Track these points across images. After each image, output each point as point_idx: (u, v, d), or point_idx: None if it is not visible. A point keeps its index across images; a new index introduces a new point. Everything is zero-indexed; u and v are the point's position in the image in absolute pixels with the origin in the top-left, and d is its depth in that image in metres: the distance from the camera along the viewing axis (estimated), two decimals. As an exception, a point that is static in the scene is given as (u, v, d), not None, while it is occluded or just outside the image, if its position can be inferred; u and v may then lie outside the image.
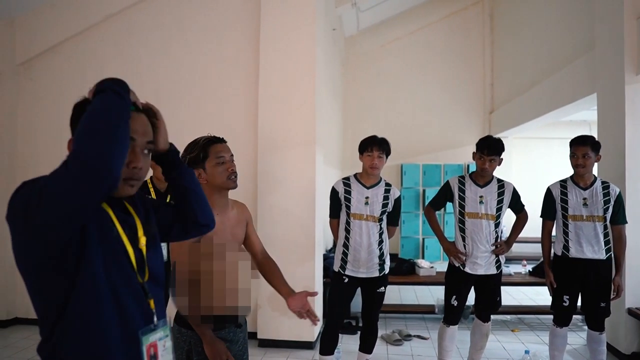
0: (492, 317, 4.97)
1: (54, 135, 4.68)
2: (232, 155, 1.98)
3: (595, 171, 4.14)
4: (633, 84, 3.87)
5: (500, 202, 3.25)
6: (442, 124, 9.16)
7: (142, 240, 1.19)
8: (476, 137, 9.09)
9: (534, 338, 4.45)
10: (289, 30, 4.20)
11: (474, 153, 3.26)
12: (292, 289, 2.10)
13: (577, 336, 4.41)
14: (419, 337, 4.46)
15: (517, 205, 3.34)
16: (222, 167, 1.91)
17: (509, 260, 6.90)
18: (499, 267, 3.29)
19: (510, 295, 5.94)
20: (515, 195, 3.31)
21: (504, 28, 8.61)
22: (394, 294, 6.12)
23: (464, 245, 3.28)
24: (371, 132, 8.70)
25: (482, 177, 3.28)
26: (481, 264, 3.23)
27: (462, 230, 3.29)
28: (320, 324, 4.17)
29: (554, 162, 8.39)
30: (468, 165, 8.73)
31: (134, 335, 1.11)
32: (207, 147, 1.91)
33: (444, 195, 3.41)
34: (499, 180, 3.32)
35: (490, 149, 3.15)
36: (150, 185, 3.29)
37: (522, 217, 3.40)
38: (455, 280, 3.32)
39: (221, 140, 1.97)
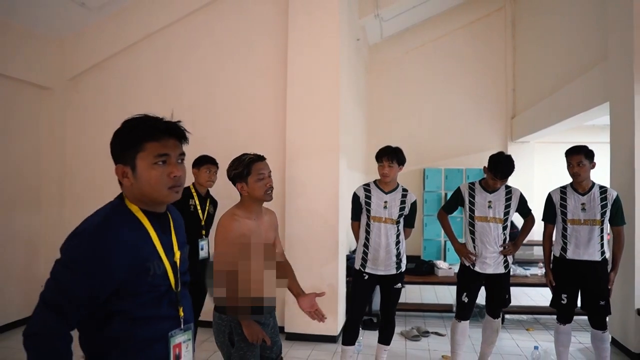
0: (509, 316, 5.21)
1: (98, 142, 5.11)
2: (270, 171, 2.29)
3: (605, 177, 4.35)
4: (642, 93, 4.04)
5: (507, 206, 3.49)
6: (464, 129, 9.33)
7: (177, 255, 1.46)
8: (498, 141, 9.30)
9: (548, 337, 4.62)
10: (314, 45, 4.52)
11: (485, 168, 3.47)
12: (303, 289, 2.41)
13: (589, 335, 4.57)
14: (436, 333, 4.71)
15: (524, 210, 3.58)
16: (262, 183, 2.24)
17: (529, 263, 7.05)
18: (506, 267, 3.53)
19: (527, 296, 6.11)
20: (522, 201, 3.55)
21: (525, 34, 8.74)
22: (415, 294, 6.37)
23: (474, 247, 3.53)
24: (395, 136, 9.09)
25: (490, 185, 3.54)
26: (490, 264, 3.48)
27: (472, 232, 3.55)
28: (342, 318, 4.48)
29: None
30: (490, 170, 8.88)
31: (164, 336, 1.39)
32: (250, 165, 2.24)
33: (456, 200, 3.67)
34: (507, 187, 3.56)
35: (503, 174, 3.36)
36: (192, 190, 3.67)
37: (529, 220, 3.63)
38: (466, 278, 3.58)
39: (262, 158, 2.29)
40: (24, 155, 5.02)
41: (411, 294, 6.36)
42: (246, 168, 2.23)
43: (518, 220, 6.96)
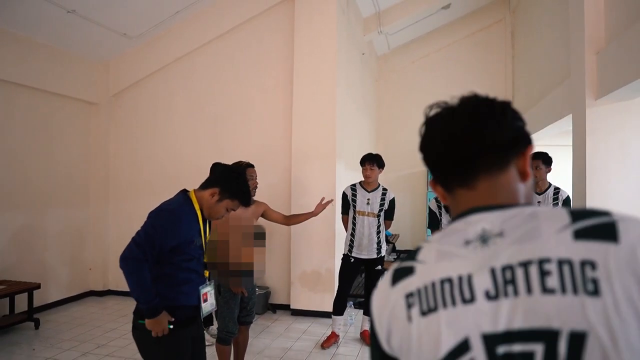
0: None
1: (135, 149, 6.13)
2: (256, 175, 3.31)
3: (563, 179, 5.02)
4: (592, 107, 4.72)
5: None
6: (466, 133, 9.97)
7: (207, 237, 2.35)
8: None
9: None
10: (315, 68, 5.36)
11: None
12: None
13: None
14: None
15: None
16: (251, 182, 3.22)
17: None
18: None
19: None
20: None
21: (522, 45, 9.37)
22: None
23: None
24: (401, 140, 9.94)
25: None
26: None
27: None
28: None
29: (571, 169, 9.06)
30: (488, 171, 9.52)
31: (194, 280, 2.27)
32: (245, 169, 3.22)
33: (435, 215, 4.31)
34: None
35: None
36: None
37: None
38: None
39: (252, 165, 3.30)
40: (76, 160, 6.02)
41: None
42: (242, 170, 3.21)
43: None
